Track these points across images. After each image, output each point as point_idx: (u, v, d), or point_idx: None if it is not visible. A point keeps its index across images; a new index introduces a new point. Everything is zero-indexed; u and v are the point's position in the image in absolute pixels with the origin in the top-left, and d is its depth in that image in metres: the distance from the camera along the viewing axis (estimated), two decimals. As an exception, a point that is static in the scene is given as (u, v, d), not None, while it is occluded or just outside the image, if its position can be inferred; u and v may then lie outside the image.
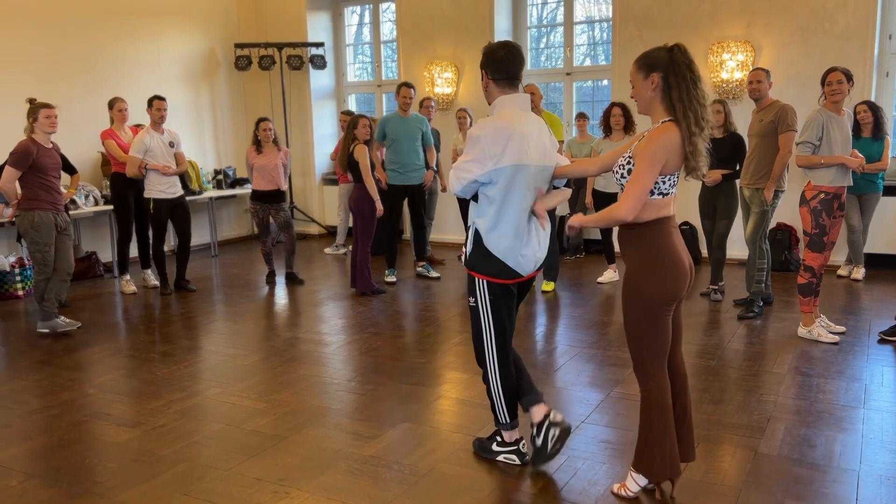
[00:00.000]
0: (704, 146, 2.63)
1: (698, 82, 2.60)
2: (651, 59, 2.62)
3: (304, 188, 9.91)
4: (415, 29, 8.73)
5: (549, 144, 2.99)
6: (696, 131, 2.58)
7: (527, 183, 2.89)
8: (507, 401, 3.12)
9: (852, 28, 6.63)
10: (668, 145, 2.59)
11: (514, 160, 2.84)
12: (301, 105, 9.66)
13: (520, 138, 2.86)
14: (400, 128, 6.64)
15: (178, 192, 6.58)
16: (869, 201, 6.40)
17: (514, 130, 2.86)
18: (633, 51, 7.43)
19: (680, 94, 2.58)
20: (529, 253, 2.95)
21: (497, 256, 2.92)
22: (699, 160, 2.61)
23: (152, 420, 3.73)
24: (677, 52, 2.59)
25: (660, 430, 2.73)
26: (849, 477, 2.98)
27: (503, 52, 2.93)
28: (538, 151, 2.91)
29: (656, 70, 2.60)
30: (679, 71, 2.58)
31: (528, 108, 2.96)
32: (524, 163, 2.86)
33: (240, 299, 6.39)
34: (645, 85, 2.64)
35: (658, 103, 2.65)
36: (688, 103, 2.57)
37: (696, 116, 2.58)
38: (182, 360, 4.72)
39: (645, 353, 2.72)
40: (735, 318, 5.36)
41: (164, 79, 8.63)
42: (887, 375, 4.13)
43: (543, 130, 2.98)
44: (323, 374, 4.39)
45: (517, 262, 2.93)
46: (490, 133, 2.87)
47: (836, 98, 4.56)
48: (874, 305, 5.62)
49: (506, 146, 2.85)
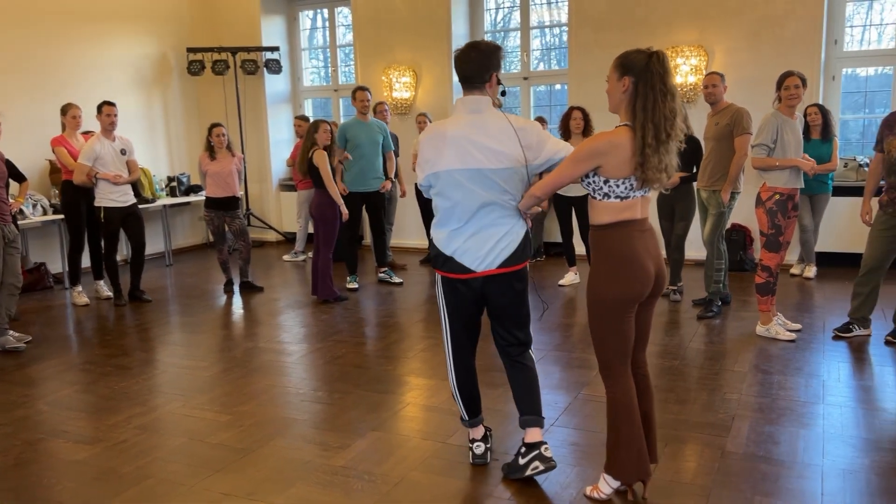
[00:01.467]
0: (664, 160, 2.58)
1: (668, 95, 2.57)
2: (628, 61, 2.61)
3: (261, 194, 9.77)
4: (371, 33, 8.69)
5: (508, 146, 2.83)
6: (652, 143, 2.55)
7: (466, 185, 2.83)
8: (462, 398, 3.13)
9: (800, 34, 6.82)
10: (604, 149, 2.59)
11: (447, 165, 2.84)
12: (256, 110, 9.53)
13: (453, 143, 2.83)
14: (360, 133, 6.59)
15: (131, 200, 6.42)
16: (819, 202, 6.58)
17: (447, 134, 2.85)
18: (590, 55, 7.59)
19: (645, 103, 2.57)
20: (474, 248, 2.87)
21: (443, 252, 2.94)
22: (650, 173, 2.57)
23: (112, 436, 3.61)
24: (654, 61, 2.57)
25: (627, 431, 2.75)
26: (813, 472, 3.04)
27: (457, 54, 2.92)
28: (482, 154, 2.81)
29: (629, 74, 2.60)
30: (650, 80, 2.56)
31: (480, 109, 2.87)
32: (454, 167, 2.83)
33: (197, 309, 6.25)
34: (617, 86, 2.64)
35: (625, 106, 2.66)
36: (650, 114, 2.55)
37: (656, 129, 2.55)
38: (140, 373, 4.59)
39: (607, 354, 2.74)
40: (695, 318, 5.44)
41: (115, 84, 8.42)
42: (843, 371, 4.24)
43: (498, 132, 2.83)
44: (287, 384, 4.31)
45: (462, 258, 2.90)
46: (426, 139, 2.94)
47: (793, 102, 4.67)
48: (827, 303, 5.78)
49: (440, 151, 2.86)
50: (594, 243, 2.74)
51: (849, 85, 7.31)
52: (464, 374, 3.12)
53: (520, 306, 3.02)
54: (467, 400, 3.14)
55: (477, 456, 3.17)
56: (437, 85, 8.46)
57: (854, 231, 6.79)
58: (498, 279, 2.93)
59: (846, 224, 6.86)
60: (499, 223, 2.89)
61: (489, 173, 2.83)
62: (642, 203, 2.71)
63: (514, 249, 2.91)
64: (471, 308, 3.02)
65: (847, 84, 7.27)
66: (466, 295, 2.97)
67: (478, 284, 2.94)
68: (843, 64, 7.17)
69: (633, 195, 2.65)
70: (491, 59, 2.88)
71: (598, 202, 2.69)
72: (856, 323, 4.84)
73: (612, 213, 2.66)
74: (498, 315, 3.03)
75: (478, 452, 3.17)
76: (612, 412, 2.78)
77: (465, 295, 2.97)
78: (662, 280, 2.77)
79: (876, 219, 4.66)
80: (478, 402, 3.18)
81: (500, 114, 2.90)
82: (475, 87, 2.89)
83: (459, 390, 3.13)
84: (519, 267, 2.95)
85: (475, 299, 3.00)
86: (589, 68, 7.57)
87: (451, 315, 3.05)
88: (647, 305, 2.81)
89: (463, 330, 3.07)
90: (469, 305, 3.01)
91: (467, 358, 3.13)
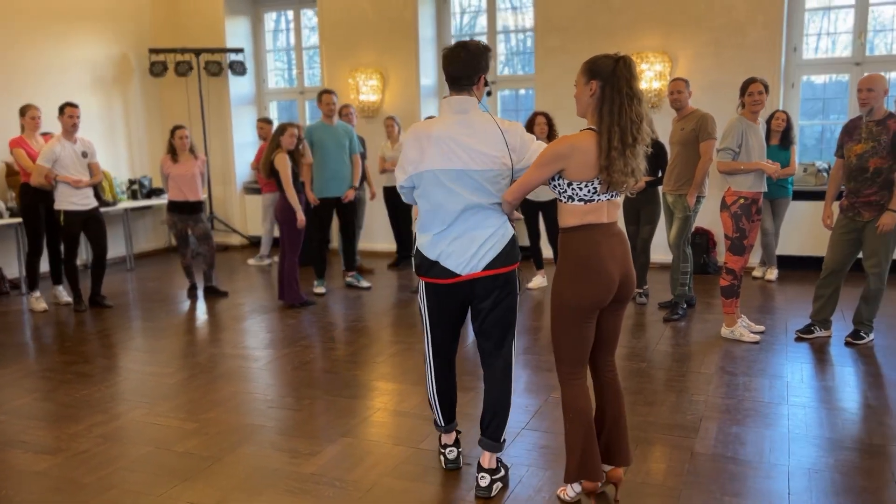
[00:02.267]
0: (631, 164, 2.59)
1: (635, 100, 2.59)
2: (596, 66, 2.63)
3: (225, 197, 9.63)
4: (338, 35, 8.63)
5: (494, 148, 2.80)
6: (618, 146, 2.56)
7: (450, 186, 2.80)
8: (441, 405, 3.10)
9: (761, 41, 6.96)
10: (566, 152, 2.60)
11: (430, 165, 2.82)
12: (220, 112, 9.40)
13: (438, 143, 2.80)
14: (326, 137, 6.53)
15: (92, 203, 6.27)
16: (780, 206, 6.71)
17: (432, 134, 2.82)
18: (556, 60, 7.64)
19: (612, 107, 2.58)
20: (458, 250, 2.83)
21: (427, 257, 2.90)
22: (615, 176, 2.57)
23: (73, 446, 3.52)
24: (621, 66, 2.59)
25: (573, 433, 2.75)
26: (779, 472, 3.09)
27: (445, 53, 2.87)
28: (467, 154, 2.79)
29: (597, 78, 2.62)
30: (617, 84, 2.58)
31: (466, 109, 2.83)
32: (438, 167, 2.80)
33: (160, 315, 6.13)
34: (584, 90, 2.66)
35: (592, 110, 2.67)
36: (616, 117, 2.57)
37: (622, 133, 2.56)
38: (102, 380, 4.48)
39: (562, 355, 2.76)
40: (661, 320, 5.50)
41: (75, 85, 8.23)
42: (806, 372, 4.32)
43: (484, 133, 2.81)
44: (254, 390, 4.25)
45: (447, 261, 2.85)
46: (409, 139, 2.90)
47: (756, 108, 4.75)
48: (788, 305, 5.89)
49: (423, 151, 2.83)
50: (560, 246, 2.75)
51: (805, 92, 7.48)
52: (443, 382, 3.08)
53: (504, 313, 2.92)
54: (446, 406, 3.11)
55: (450, 461, 3.16)
56: (404, 88, 8.44)
57: (813, 234, 6.95)
58: (482, 282, 2.86)
59: (806, 228, 7.01)
60: (483, 225, 2.84)
61: (474, 174, 2.79)
62: (609, 207, 2.70)
63: (500, 251, 2.85)
64: (454, 316, 2.98)
65: (803, 91, 7.44)
66: (450, 302, 2.93)
67: (462, 290, 2.89)
68: (803, 71, 7.33)
69: (597, 198, 2.65)
70: (480, 61, 2.83)
71: (563, 204, 2.71)
72: (817, 324, 4.94)
73: (577, 215, 2.67)
74: (481, 323, 2.94)
75: (450, 457, 3.16)
76: (564, 414, 2.80)
77: (449, 302, 2.93)
78: (629, 285, 2.76)
79: (837, 223, 4.77)
80: (454, 408, 3.16)
81: (486, 115, 2.85)
82: (463, 87, 2.84)
83: (439, 397, 3.09)
84: (504, 270, 2.87)
85: (459, 307, 2.95)
86: (555, 74, 7.62)
87: (432, 322, 3.00)
88: (614, 310, 2.80)
89: (444, 337, 3.03)
90: (452, 313, 2.96)
91: (447, 365, 3.09)
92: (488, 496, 2.93)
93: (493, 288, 2.88)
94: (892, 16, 7.07)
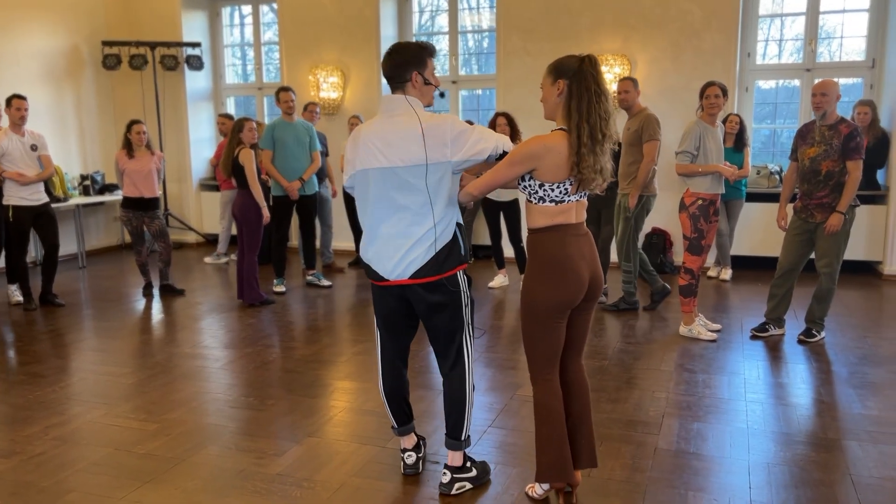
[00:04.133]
0: (600, 161, 2.62)
1: (602, 96, 2.63)
2: (562, 65, 2.66)
3: (181, 194, 9.45)
4: (298, 32, 8.55)
5: (411, 144, 2.74)
6: (588, 143, 2.59)
7: (377, 186, 2.79)
8: (390, 406, 3.09)
9: (717, 46, 7.12)
10: (539, 152, 2.61)
11: (360, 164, 2.84)
12: (176, 107, 9.22)
13: (365, 143, 2.82)
14: (287, 134, 6.46)
15: (42, 198, 6.09)
16: (734, 207, 6.88)
17: (360, 136, 2.85)
18: (518, 61, 7.69)
19: (580, 104, 2.61)
20: (384, 255, 2.81)
21: (362, 257, 2.93)
22: (586, 173, 2.60)
23: (29, 448, 3.41)
24: (587, 63, 2.63)
25: (545, 433, 2.77)
26: (740, 466, 3.17)
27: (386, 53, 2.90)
28: (389, 152, 2.75)
29: (563, 77, 2.65)
30: (584, 81, 2.62)
31: (392, 108, 2.81)
32: (366, 167, 2.81)
33: (115, 313, 5.98)
34: (552, 90, 2.69)
35: (560, 110, 2.69)
36: (585, 115, 2.60)
37: (591, 129, 2.59)
38: (56, 380, 4.35)
39: (534, 355, 2.77)
40: (621, 319, 5.58)
41: (23, 76, 7.98)
42: (762, 369, 4.44)
43: (405, 131, 2.75)
44: (216, 390, 4.18)
45: (376, 265, 2.86)
46: (349, 139, 2.94)
47: (714, 111, 4.86)
48: (743, 304, 6.04)
49: (356, 151, 2.86)
50: (529, 247, 2.77)
51: (756, 96, 7.68)
52: (390, 382, 3.06)
53: (446, 321, 2.87)
54: (395, 408, 3.09)
55: (408, 466, 3.12)
56: (365, 86, 8.39)
57: (767, 235, 7.14)
58: (412, 289, 2.83)
59: (759, 228, 7.20)
60: (409, 231, 2.78)
61: (399, 171, 2.75)
62: (577, 208, 2.73)
63: (429, 258, 2.78)
64: (395, 315, 2.94)
65: (755, 95, 7.63)
66: (389, 302, 2.91)
67: (396, 294, 2.88)
68: (756, 76, 7.52)
69: (567, 199, 2.68)
70: (410, 59, 2.80)
71: (533, 206, 2.72)
72: (771, 323, 5.08)
73: (547, 216, 2.69)
74: (426, 327, 2.94)
75: (409, 462, 3.12)
76: (535, 412, 2.82)
77: (388, 302, 2.92)
78: (598, 285, 2.79)
79: (790, 224, 4.91)
80: (408, 410, 3.13)
81: (411, 112, 2.79)
82: (396, 85, 2.85)
83: (387, 398, 3.08)
84: (434, 278, 2.80)
85: (398, 307, 2.92)
86: (517, 74, 7.67)
87: (378, 321, 3.01)
88: (583, 311, 2.83)
89: (390, 337, 3.01)
90: (393, 313, 2.94)
91: (395, 366, 3.06)
92: (448, 493, 2.94)
93: (423, 296, 2.83)
94: (840, 24, 7.31)
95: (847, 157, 4.57)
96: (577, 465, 2.87)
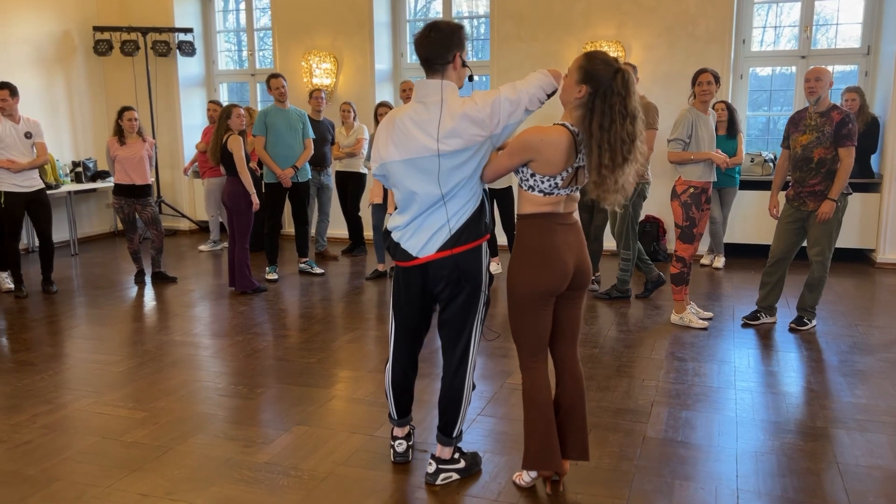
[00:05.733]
0: (622, 180, 2.54)
1: (628, 118, 2.51)
2: (592, 72, 2.52)
3: (173, 181, 9.40)
4: (290, 18, 8.48)
5: (433, 133, 2.66)
6: (609, 164, 2.51)
7: (407, 173, 2.72)
8: (395, 396, 3.05)
9: (712, 32, 7.07)
10: (536, 145, 2.56)
11: (391, 154, 2.76)
12: (168, 94, 9.15)
13: (395, 130, 2.74)
14: (279, 120, 6.42)
15: (37, 185, 6.06)
16: (727, 195, 6.86)
17: (391, 125, 2.76)
18: (512, 47, 7.65)
19: (602, 122, 2.49)
20: (415, 235, 2.77)
21: (392, 237, 2.86)
22: (606, 195, 2.54)
23: (15, 437, 3.40)
24: (618, 81, 2.49)
25: (531, 421, 2.77)
26: (728, 455, 3.17)
27: (416, 36, 2.73)
28: (414, 142, 2.68)
29: (589, 84, 2.52)
30: (610, 100, 2.49)
31: (430, 96, 2.70)
32: (397, 158, 2.73)
33: (106, 301, 5.97)
34: (573, 89, 2.57)
35: (577, 114, 2.58)
36: (607, 134, 2.48)
37: (612, 152, 2.49)
38: (45, 368, 4.34)
39: (521, 343, 2.77)
40: (612, 307, 5.58)
41: (13, 62, 7.91)
42: (752, 357, 4.44)
43: (431, 121, 2.67)
44: (205, 378, 4.17)
45: (406, 244, 2.79)
46: (381, 125, 2.85)
47: (706, 98, 4.84)
48: (735, 292, 6.04)
49: (387, 139, 2.78)
50: (516, 233, 2.75)
51: (752, 83, 7.64)
52: (401, 374, 3.02)
53: (460, 310, 2.82)
54: (399, 399, 3.06)
55: (398, 454, 3.11)
56: (358, 72, 8.34)
57: (760, 223, 7.12)
58: (436, 265, 2.76)
59: (752, 216, 7.18)
60: (439, 213, 2.72)
61: (432, 159, 2.67)
62: (567, 200, 2.70)
63: (453, 233, 2.72)
64: (415, 304, 2.89)
65: (750, 83, 7.60)
66: (411, 288, 2.86)
67: (420, 276, 2.81)
68: (751, 63, 7.48)
69: (556, 192, 2.65)
70: (452, 39, 2.68)
71: (523, 192, 2.70)
72: (763, 311, 5.07)
73: (535, 204, 2.67)
74: (441, 313, 2.89)
75: (399, 450, 3.11)
76: (523, 400, 2.81)
77: (410, 288, 2.86)
78: (585, 273, 2.77)
79: (783, 212, 4.89)
80: (410, 402, 3.10)
81: (449, 99, 2.68)
82: (436, 69, 2.71)
83: (393, 389, 3.04)
84: (458, 249, 2.72)
85: (419, 294, 2.87)
86: (511, 61, 7.62)
87: (395, 307, 2.94)
88: (570, 300, 2.81)
89: (406, 325, 2.95)
90: (413, 301, 2.88)
91: (408, 357, 3.01)
92: (433, 483, 2.94)
93: (450, 275, 2.77)
94: (836, 10, 7.26)
95: (839, 144, 4.55)
96: (566, 455, 2.87)
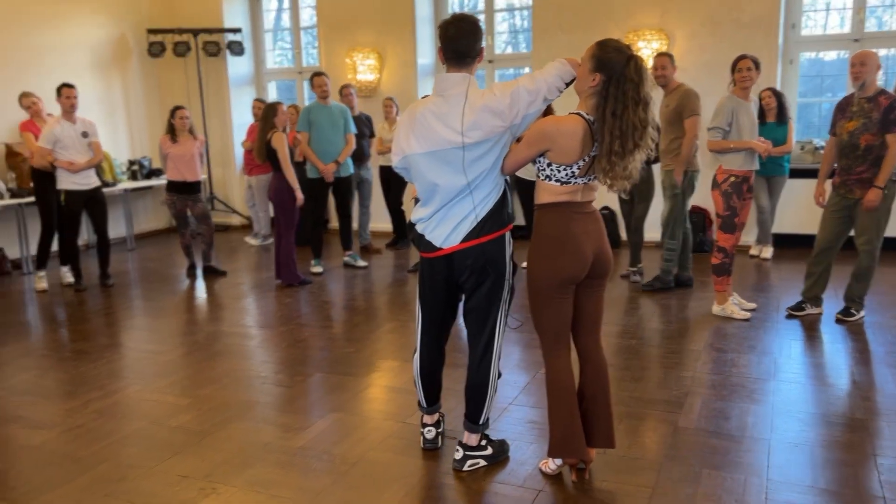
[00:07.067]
0: (631, 166, 2.56)
1: (640, 105, 2.50)
2: (605, 59, 2.52)
3: (224, 178, 9.67)
4: (335, 15, 8.61)
5: (456, 125, 2.68)
6: (619, 151, 2.52)
7: (430, 166, 2.75)
8: (423, 385, 3.10)
9: (758, 18, 6.91)
10: (551, 135, 2.58)
11: (412, 147, 2.78)
12: (219, 93, 9.41)
13: (416, 123, 2.76)
14: (322, 117, 6.55)
15: (94, 183, 6.33)
16: (776, 183, 6.70)
17: (412, 118, 2.79)
18: (553, 39, 7.61)
19: (615, 108, 2.50)
20: (439, 226, 2.81)
21: (416, 228, 2.90)
22: (616, 182, 2.58)
23: (69, 421, 3.59)
24: (631, 67, 2.49)
25: (555, 409, 2.79)
26: (761, 446, 3.13)
27: (446, 29, 2.71)
28: (435, 135, 2.71)
29: (602, 72, 2.53)
30: (623, 86, 2.50)
31: (451, 88, 2.70)
32: (418, 150, 2.76)
33: (159, 294, 6.20)
34: (587, 77, 2.58)
35: (590, 102, 2.60)
36: (619, 121, 2.49)
37: (623, 138, 2.50)
38: (99, 357, 4.55)
39: (542, 331, 2.79)
40: (654, 299, 5.53)
41: (73, 67, 8.25)
42: (795, 349, 4.35)
43: (448, 113, 2.70)
44: (249, 367, 4.31)
45: (430, 235, 2.83)
46: (402, 119, 2.88)
47: (746, 84, 4.75)
48: (782, 283, 5.91)
49: (409, 132, 2.80)
50: (534, 222, 2.77)
51: (810, 69, 7.43)
52: (428, 363, 3.07)
53: (483, 300, 2.85)
54: (427, 388, 3.11)
55: (428, 440, 3.17)
56: (401, 67, 8.42)
57: (810, 212, 6.91)
58: (461, 255, 2.80)
59: (802, 205, 6.99)
60: (463, 204, 2.76)
61: (442, 154, 2.72)
62: (584, 189, 2.70)
63: (476, 223, 2.76)
64: (441, 294, 2.93)
65: (809, 68, 7.39)
66: (437, 279, 2.90)
67: (445, 266, 2.85)
68: (801, 48, 7.28)
69: (573, 181, 2.66)
70: (479, 32, 2.71)
71: (540, 181, 2.73)
72: (808, 302, 4.96)
73: (552, 193, 2.69)
74: (465, 302, 2.93)
75: (428, 437, 3.17)
76: (547, 390, 2.83)
77: (436, 279, 2.90)
78: (605, 264, 2.77)
79: (829, 200, 4.77)
80: (438, 391, 3.16)
81: (470, 92, 2.69)
82: (465, 62, 2.71)
83: (422, 378, 3.09)
84: (482, 240, 2.76)
85: (445, 285, 2.91)
86: (552, 51, 7.58)
87: (422, 297, 2.99)
88: (591, 288, 2.80)
89: (433, 316, 3.00)
90: (439, 291, 2.92)
91: (435, 346, 3.07)
92: (460, 469, 2.98)
93: (474, 264, 2.80)
94: (892, -8, 7.01)
95: (886, 130, 4.42)
96: (591, 443, 2.88)
